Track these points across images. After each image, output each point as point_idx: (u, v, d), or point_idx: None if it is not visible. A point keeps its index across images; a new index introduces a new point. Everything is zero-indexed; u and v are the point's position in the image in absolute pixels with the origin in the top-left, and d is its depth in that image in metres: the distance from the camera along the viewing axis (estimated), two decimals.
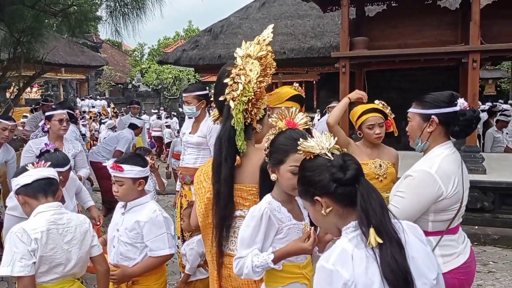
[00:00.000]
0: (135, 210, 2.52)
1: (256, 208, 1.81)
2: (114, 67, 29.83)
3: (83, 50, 16.92)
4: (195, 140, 3.88)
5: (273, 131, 1.85)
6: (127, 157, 2.60)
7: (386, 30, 7.05)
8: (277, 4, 10.70)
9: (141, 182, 2.52)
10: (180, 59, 10.05)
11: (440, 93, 2.19)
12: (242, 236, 1.79)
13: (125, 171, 2.47)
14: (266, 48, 1.98)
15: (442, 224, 2.12)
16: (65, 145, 4.25)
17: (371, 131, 3.09)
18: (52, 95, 19.82)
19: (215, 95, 2.10)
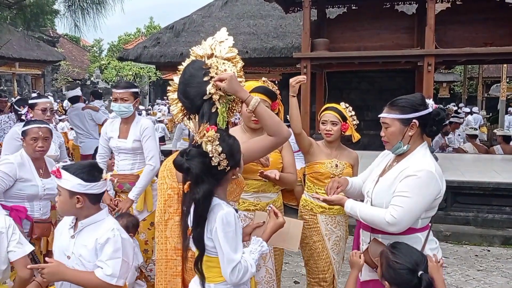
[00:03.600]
0: (89, 229, 2.15)
1: (224, 215, 1.80)
2: (72, 62, 28.94)
3: (39, 44, 16.32)
4: (129, 145, 3.57)
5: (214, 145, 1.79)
6: (77, 164, 2.23)
7: (346, 32, 7.22)
8: (239, 3, 10.72)
9: (78, 199, 2.09)
10: (141, 56, 9.90)
11: (412, 96, 2.27)
12: (225, 245, 1.78)
13: (62, 179, 2.09)
14: (234, 49, 2.04)
15: (427, 220, 2.23)
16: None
17: (323, 127, 3.17)
18: (6, 90, 19.01)
19: (184, 92, 2.07)
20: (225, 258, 1.77)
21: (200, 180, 1.76)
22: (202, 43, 2.13)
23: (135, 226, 3.25)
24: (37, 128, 3.22)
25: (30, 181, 3.14)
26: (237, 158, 1.85)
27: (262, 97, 2.84)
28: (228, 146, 1.80)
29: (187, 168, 1.77)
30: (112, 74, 28.94)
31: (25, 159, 3.18)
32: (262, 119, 2.06)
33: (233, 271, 1.77)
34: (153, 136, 3.61)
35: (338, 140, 3.19)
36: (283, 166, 3.01)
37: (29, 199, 3.16)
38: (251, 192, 2.91)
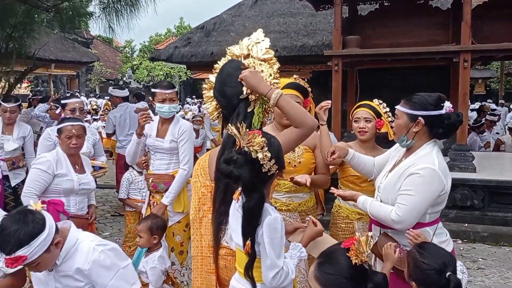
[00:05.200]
0: (66, 259, 1.97)
1: (272, 221, 1.77)
2: (104, 63, 29.65)
3: (74, 46, 16.76)
4: (167, 145, 3.55)
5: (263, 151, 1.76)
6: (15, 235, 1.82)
7: (378, 29, 7.09)
8: (269, 2, 10.70)
9: (58, 243, 1.94)
10: (172, 56, 10.01)
11: (429, 94, 2.28)
12: (270, 251, 1.76)
13: (28, 257, 1.81)
14: (270, 51, 2.04)
15: (435, 215, 2.29)
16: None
17: (356, 125, 3.09)
18: (42, 91, 19.62)
19: (220, 91, 2.08)
20: (268, 263, 1.76)
21: (252, 188, 1.74)
22: (239, 43, 2.13)
23: (160, 228, 3.19)
24: (71, 126, 3.33)
25: (66, 176, 3.24)
26: (282, 160, 1.84)
27: (294, 93, 2.84)
28: (276, 150, 1.79)
29: (237, 177, 1.73)
30: (143, 74, 29.49)
31: (60, 155, 3.30)
32: (286, 111, 2.03)
33: (275, 277, 1.76)
34: (190, 140, 3.60)
35: (372, 139, 3.08)
36: (316, 166, 2.98)
37: (65, 194, 3.25)
38: (283, 192, 2.90)
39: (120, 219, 6.61)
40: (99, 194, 7.77)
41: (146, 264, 3.11)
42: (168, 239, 3.43)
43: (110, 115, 6.91)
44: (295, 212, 2.89)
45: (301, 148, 2.91)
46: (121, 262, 2.04)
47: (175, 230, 3.53)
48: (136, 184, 4.75)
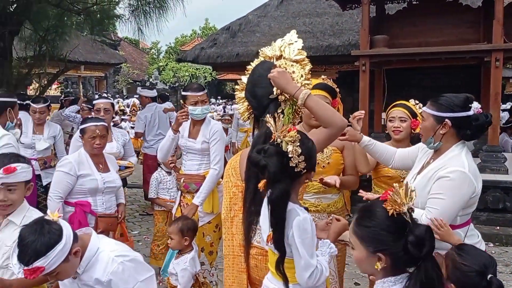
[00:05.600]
0: (87, 269, 1.95)
1: (301, 221, 1.77)
2: (131, 64, 30.12)
3: (102, 47, 17.09)
4: (198, 146, 3.58)
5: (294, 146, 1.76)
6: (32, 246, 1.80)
7: (406, 28, 7.00)
8: (295, 2, 10.69)
9: (77, 252, 1.90)
10: (199, 57, 10.11)
11: (455, 95, 2.24)
12: (303, 251, 1.75)
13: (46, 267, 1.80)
14: (303, 52, 2.04)
15: (466, 217, 2.26)
16: (114, 133, 4.47)
17: (391, 124, 3.07)
18: (72, 92, 20.09)
19: (252, 92, 2.09)
20: (302, 263, 1.76)
21: (276, 179, 1.73)
22: (271, 44, 2.14)
23: (191, 229, 3.19)
24: (94, 126, 3.35)
25: (89, 176, 3.26)
26: (313, 162, 1.82)
27: (322, 93, 2.83)
28: (307, 149, 1.78)
29: (264, 166, 1.73)
30: (169, 75, 29.87)
31: (82, 156, 3.32)
32: (314, 111, 2.01)
33: (310, 276, 1.76)
34: (221, 140, 3.62)
35: (407, 139, 3.06)
36: (345, 167, 2.97)
37: (91, 193, 3.27)
38: (312, 193, 2.90)
39: (148, 218, 6.72)
40: (127, 193, 7.91)
41: (177, 265, 3.11)
42: (198, 240, 3.45)
43: (140, 115, 6.99)
44: (324, 213, 2.88)
45: (330, 149, 2.90)
46: (140, 275, 2.00)
47: (205, 231, 3.55)
48: (165, 184, 4.82)
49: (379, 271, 1.47)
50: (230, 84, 36.23)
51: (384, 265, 1.44)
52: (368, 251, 1.48)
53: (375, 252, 1.45)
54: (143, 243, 5.63)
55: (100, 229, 3.23)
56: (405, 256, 1.40)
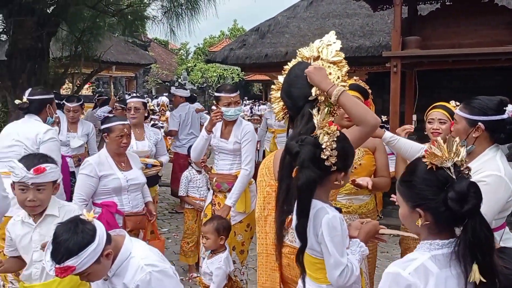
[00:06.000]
0: (118, 273, 1.95)
1: (330, 220, 1.79)
2: (161, 65, 30.55)
3: (133, 48, 17.44)
4: (230, 147, 3.64)
5: (331, 139, 1.79)
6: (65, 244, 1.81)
7: (439, 29, 6.88)
8: (325, 3, 10.64)
9: (109, 254, 1.89)
10: (228, 58, 10.17)
11: (489, 98, 2.21)
12: (333, 249, 1.76)
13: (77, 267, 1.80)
14: (340, 53, 2.05)
15: (501, 220, 2.24)
16: (146, 132, 4.56)
17: (430, 126, 3.04)
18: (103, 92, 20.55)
19: (287, 92, 2.11)
20: (332, 262, 1.77)
21: (305, 166, 1.74)
22: (309, 45, 2.16)
23: (226, 229, 3.23)
24: (122, 125, 3.35)
25: (112, 175, 3.27)
26: (346, 163, 1.83)
27: (355, 94, 2.83)
28: (343, 148, 1.79)
29: (297, 152, 1.76)
30: (198, 75, 30.16)
31: (103, 157, 3.33)
32: (347, 109, 2.01)
33: (341, 275, 1.76)
34: (253, 141, 3.66)
35: None
36: (376, 168, 2.96)
37: (116, 193, 3.28)
38: (343, 194, 2.90)
39: (177, 216, 6.83)
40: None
41: (211, 265, 3.14)
42: (229, 239, 3.50)
43: (175, 113, 7.05)
44: (355, 214, 2.88)
45: (362, 150, 2.90)
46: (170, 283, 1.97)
47: (236, 230, 3.60)
48: (195, 182, 4.89)
49: (422, 229, 1.41)
50: (257, 85, 36.33)
51: (426, 222, 1.38)
52: (408, 206, 1.44)
53: (414, 207, 1.41)
54: (172, 241, 5.73)
55: (129, 228, 3.24)
56: (447, 213, 1.33)
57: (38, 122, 3.58)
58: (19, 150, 3.44)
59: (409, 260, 1.36)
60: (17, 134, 3.52)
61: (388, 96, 6.56)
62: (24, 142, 3.46)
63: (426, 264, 1.32)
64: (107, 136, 3.35)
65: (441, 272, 1.31)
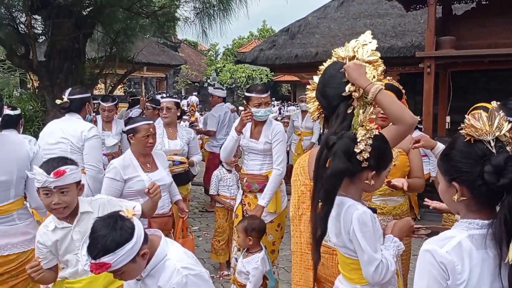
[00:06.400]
0: (152, 274, 1.89)
1: (360, 215, 1.78)
2: (190, 66, 30.90)
3: (164, 49, 17.71)
4: (261, 147, 3.63)
5: (367, 135, 1.80)
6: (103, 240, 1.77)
7: (474, 29, 6.72)
8: (356, 3, 10.55)
9: (145, 254, 1.84)
10: (257, 58, 10.21)
11: None
12: (365, 245, 1.76)
13: (113, 264, 1.75)
14: (376, 53, 2.04)
15: None
16: (179, 131, 4.62)
17: None
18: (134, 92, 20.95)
19: (322, 92, 2.12)
20: (366, 258, 1.76)
21: (337, 156, 1.75)
22: (345, 45, 2.16)
23: (255, 230, 3.19)
24: (147, 125, 3.30)
25: (136, 178, 3.23)
26: (379, 163, 1.81)
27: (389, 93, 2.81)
28: (379, 147, 1.79)
29: (332, 144, 1.78)
30: (226, 76, 30.35)
31: (127, 159, 3.28)
32: (384, 106, 1.99)
33: (376, 270, 1.74)
34: (283, 141, 3.66)
35: None
36: (410, 169, 2.93)
37: (140, 195, 3.21)
38: (378, 195, 2.89)
39: (208, 215, 6.90)
40: None
41: (247, 264, 3.15)
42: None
43: (214, 113, 7.08)
44: (389, 216, 2.86)
45: (396, 151, 2.87)
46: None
47: (267, 230, 3.60)
48: (225, 181, 4.94)
49: (460, 206, 1.38)
50: (285, 86, 36.28)
51: (463, 198, 1.35)
52: (445, 181, 1.41)
53: (451, 181, 1.37)
54: (203, 239, 5.80)
55: None
56: (483, 188, 1.28)
57: (81, 120, 3.69)
58: (65, 147, 3.55)
59: (447, 238, 1.33)
60: (62, 132, 3.63)
61: (420, 97, 6.46)
62: (70, 139, 3.57)
63: (463, 243, 1.29)
64: (132, 137, 3.31)
65: (478, 253, 1.28)
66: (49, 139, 3.62)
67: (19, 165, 2.59)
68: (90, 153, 3.54)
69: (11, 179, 2.56)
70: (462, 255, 1.28)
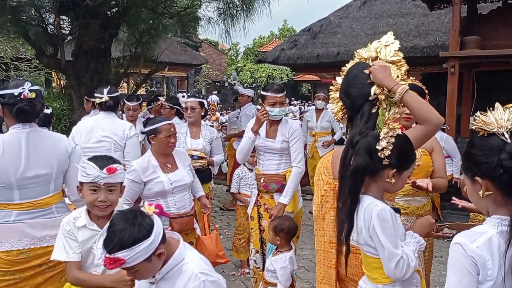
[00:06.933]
0: (168, 277, 1.80)
1: (379, 211, 1.79)
2: (211, 65, 31.06)
3: (185, 49, 17.92)
4: (278, 146, 3.58)
5: (390, 133, 1.81)
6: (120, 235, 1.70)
7: (500, 29, 6.63)
8: (378, 2, 10.49)
9: (161, 254, 1.75)
10: (279, 58, 10.25)
11: None
12: (385, 241, 1.77)
13: (127, 261, 1.68)
14: (399, 53, 2.06)
15: None
16: (202, 131, 4.64)
17: None
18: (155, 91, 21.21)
19: (346, 92, 2.14)
20: (386, 254, 1.76)
21: (359, 154, 1.79)
22: (367, 46, 2.18)
23: (284, 231, 3.17)
24: (169, 124, 3.26)
25: (155, 179, 3.19)
26: (401, 162, 1.82)
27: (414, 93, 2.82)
28: (401, 146, 1.81)
29: (356, 142, 1.82)
30: (247, 76, 30.43)
31: (146, 161, 3.24)
32: (411, 106, 1.99)
33: (397, 266, 1.75)
34: (301, 139, 3.65)
35: None
36: (434, 169, 2.93)
37: (161, 196, 3.21)
38: (401, 195, 2.89)
39: (228, 213, 6.97)
40: None
41: (275, 262, 3.17)
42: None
43: (247, 112, 7.11)
44: (413, 216, 2.87)
45: (420, 151, 2.87)
46: None
47: None
48: (246, 180, 4.99)
49: (488, 202, 1.39)
50: (306, 85, 36.19)
51: (489, 193, 1.36)
52: (469, 180, 1.43)
53: (473, 177, 1.39)
54: (224, 237, 5.86)
55: (175, 230, 3.16)
56: (505, 177, 1.30)
57: (118, 118, 3.80)
58: (109, 146, 3.66)
59: (478, 233, 1.34)
60: (103, 130, 3.70)
61: (443, 98, 6.41)
62: (113, 137, 3.67)
63: (494, 239, 1.30)
64: (154, 138, 3.24)
65: (509, 249, 1.28)
66: (88, 137, 3.70)
67: (58, 159, 2.65)
68: (132, 151, 3.66)
69: (51, 173, 2.61)
70: (492, 251, 1.29)
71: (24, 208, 2.56)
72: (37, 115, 2.61)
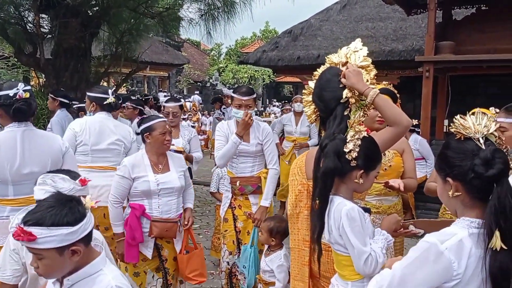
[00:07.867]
0: (79, 285, 1.64)
1: (348, 211, 1.85)
2: (193, 65, 30.95)
3: (167, 49, 17.85)
4: (253, 149, 3.60)
5: (356, 136, 1.89)
6: (44, 207, 1.58)
7: (474, 34, 6.83)
8: (358, 6, 10.66)
9: (74, 251, 1.59)
10: (260, 59, 10.32)
11: None
12: (354, 239, 1.83)
13: (38, 240, 1.53)
14: (368, 59, 2.15)
15: None
16: (181, 131, 4.70)
17: None
18: (136, 91, 21.06)
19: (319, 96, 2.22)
20: (355, 252, 1.84)
21: (328, 156, 1.87)
22: (338, 52, 2.27)
23: (280, 233, 3.22)
24: (163, 122, 3.22)
25: (142, 178, 3.12)
26: (368, 163, 1.90)
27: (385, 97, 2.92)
28: (368, 148, 1.89)
29: (325, 145, 1.90)
30: (229, 76, 30.42)
31: (139, 158, 3.19)
32: (382, 110, 2.10)
33: (365, 263, 1.83)
34: (274, 141, 3.75)
35: None
36: (404, 170, 3.04)
37: (146, 196, 3.14)
38: (374, 195, 2.99)
39: (208, 213, 7.02)
40: None
41: (270, 262, 3.22)
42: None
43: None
44: (385, 215, 2.96)
45: (391, 152, 2.99)
46: None
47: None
48: (226, 179, 5.04)
49: (456, 203, 1.44)
50: (287, 87, 36.36)
51: (458, 193, 1.42)
52: (441, 179, 1.48)
53: (445, 178, 1.45)
54: (203, 236, 5.91)
55: (153, 235, 3.11)
56: (475, 182, 1.35)
57: (117, 120, 3.85)
58: (119, 149, 3.69)
59: (449, 234, 1.39)
60: (113, 133, 3.69)
61: (420, 100, 6.57)
62: (123, 141, 3.71)
63: (465, 241, 1.35)
64: (148, 136, 3.17)
65: (476, 251, 1.34)
66: (99, 139, 3.66)
67: (52, 158, 2.71)
68: None
69: (45, 171, 2.58)
70: (461, 253, 1.34)
71: (17, 204, 2.61)
72: (33, 113, 2.70)
